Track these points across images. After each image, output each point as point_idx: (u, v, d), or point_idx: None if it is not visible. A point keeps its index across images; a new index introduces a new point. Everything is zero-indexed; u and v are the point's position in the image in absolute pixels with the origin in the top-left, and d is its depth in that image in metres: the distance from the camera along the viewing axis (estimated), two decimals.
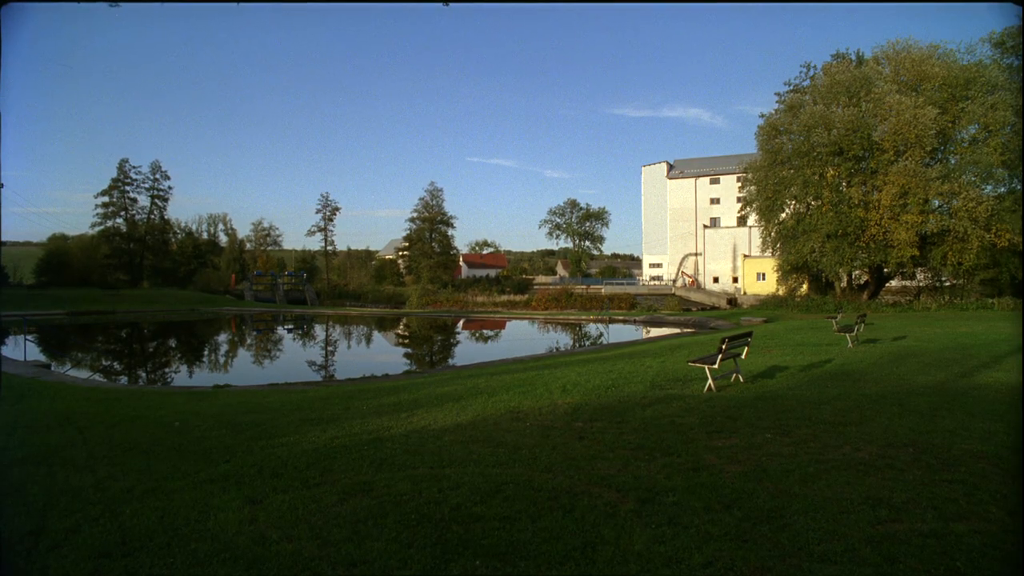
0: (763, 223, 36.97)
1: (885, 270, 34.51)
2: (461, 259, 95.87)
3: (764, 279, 50.78)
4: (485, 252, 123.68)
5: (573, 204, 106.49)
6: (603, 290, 59.40)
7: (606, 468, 5.58)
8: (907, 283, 38.36)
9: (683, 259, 75.21)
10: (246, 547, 3.98)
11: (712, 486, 5.02)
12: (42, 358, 19.49)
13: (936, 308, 30.34)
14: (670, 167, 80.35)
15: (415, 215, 76.41)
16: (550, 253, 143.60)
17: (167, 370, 20.48)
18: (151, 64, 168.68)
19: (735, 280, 61.75)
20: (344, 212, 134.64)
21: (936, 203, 30.38)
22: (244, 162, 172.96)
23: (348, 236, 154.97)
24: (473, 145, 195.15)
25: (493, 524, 4.31)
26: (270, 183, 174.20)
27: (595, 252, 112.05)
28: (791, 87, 41.70)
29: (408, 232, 77.68)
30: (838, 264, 32.15)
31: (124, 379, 17.62)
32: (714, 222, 73.35)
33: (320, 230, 78.74)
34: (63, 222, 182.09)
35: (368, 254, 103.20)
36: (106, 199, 65.24)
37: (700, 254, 70.53)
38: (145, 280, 67.78)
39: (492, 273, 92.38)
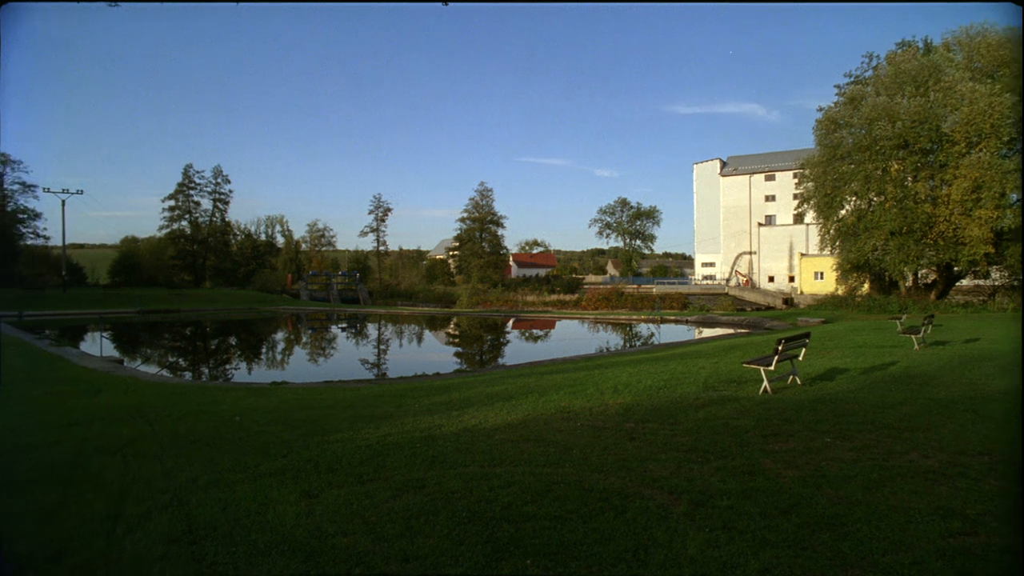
0: (821, 220, 35.68)
1: (955, 268, 32.76)
2: (511, 258, 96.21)
3: (822, 278, 49.08)
4: (535, 251, 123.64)
5: (624, 203, 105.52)
6: (654, 290, 58.59)
7: (658, 470, 5.50)
8: (980, 282, 36.39)
9: (737, 258, 73.40)
10: (303, 539, 4.10)
11: (768, 491, 4.88)
12: (116, 354, 20.60)
13: (1013, 308, 28.64)
14: (723, 164, 78.49)
15: (465, 215, 77.16)
16: (600, 252, 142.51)
17: (227, 367, 21.27)
18: (212, 71, 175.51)
19: (791, 279, 59.88)
20: (396, 212, 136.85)
21: (1014, 197, 28.65)
22: (300, 164, 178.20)
23: (400, 236, 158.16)
24: (523, 145, 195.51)
25: (544, 524, 4.31)
26: (325, 185, 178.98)
27: (646, 251, 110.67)
28: (852, 78, 40.04)
29: (458, 232, 78.45)
30: (903, 263, 30.73)
31: (188, 375, 18.38)
32: (769, 220, 71.28)
33: (372, 231, 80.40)
34: (135, 225, 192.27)
35: (419, 254, 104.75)
36: (172, 203, 68.40)
37: (754, 253, 68.63)
38: (207, 280, 70.60)
39: (542, 272, 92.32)
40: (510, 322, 39.46)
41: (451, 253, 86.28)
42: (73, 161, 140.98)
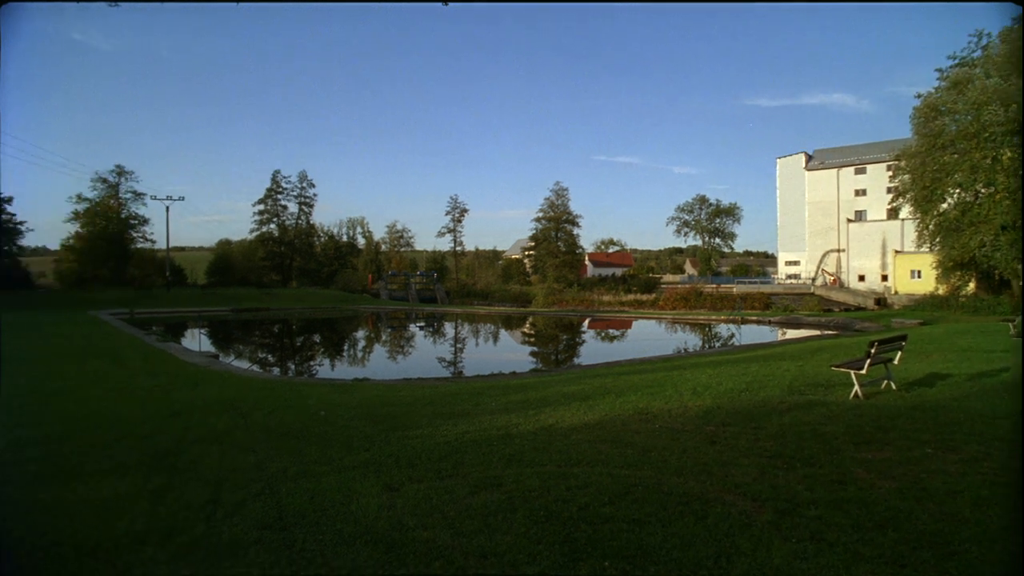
0: (919, 215, 33.32)
1: None
2: (587, 258, 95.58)
3: (919, 277, 45.82)
4: (611, 251, 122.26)
5: (702, 200, 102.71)
6: (735, 289, 56.63)
7: (740, 475, 5.32)
8: None
9: (823, 256, 69.71)
10: (385, 531, 4.23)
11: (861, 502, 4.62)
12: (212, 349, 22.00)
13: None
14: (809, 158, 74.70)
15: (541, 215, 77.23)
16: (678, 251, 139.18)
17: (312, 363, 22.23)
18: (298, 78, 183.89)
19: (884, 278, 56.24)
20: (472, 213, 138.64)
21: None
22: (380, 167, 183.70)
23: (476, 237, 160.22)
24: (599, 143, 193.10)
25: (622, 526, 4.26)
26: (403, 186, 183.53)
27: (726, 250, 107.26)
28: (956, 60, 37.06)
29: (534, 232, 78.63)
30: (1015, 260, 28.25)
31: (276, 370, 19.34)
32: (859, 215, 67.17)
33: (449, 231, 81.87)
34: (228, 229, 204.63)
35: (495, 254, 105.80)
36: (262, 207, 72.23)
37: (843, 250, 64.91)
38: (294, 280, 74.00)
39: (618, 272, 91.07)
40: (586, 322, 39.19)
41: (527, 253, 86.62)
42: (174, 169, 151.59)
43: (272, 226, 72.90)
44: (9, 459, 6.17)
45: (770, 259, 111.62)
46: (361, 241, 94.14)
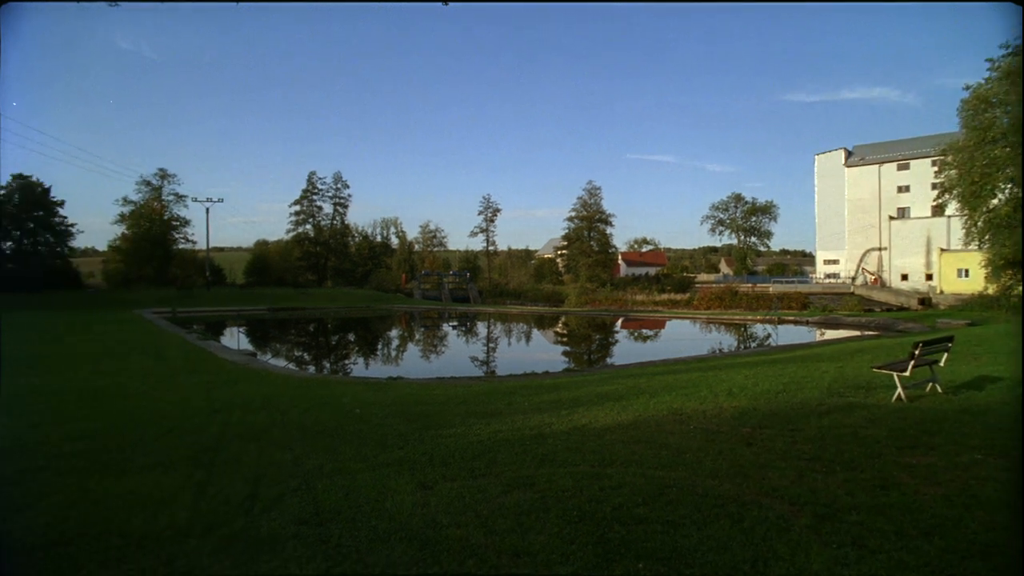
0: (967, 212, 32.13)
1: None
2: (620, 257, 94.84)
3: (967, 276, 44.23)
4: (644, 250, 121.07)
5: (738, 198, 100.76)
6: (771, 288, 55.46)
7: (777, 478, 5.21)
8: None
9: (864, 254, 67.80)
10: (419, 529, 4.26)
11: (905, 508, 4.49)
12: (250, 348, 22.51)
13: None
14: (848, 154, 72.67)
15: (573, 214, 76.91)
16: (712, 250, 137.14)
17: (347, 361, 22.55)
18: (333, 79, 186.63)
19: (929, 277, 54.43)
20: (504, 213, 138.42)
21: None
22: (413, 167, 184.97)
23: (508, 236, 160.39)
24: (632, 142, 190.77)
25: (656, 527, 4.21)
26: (436, 186, 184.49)
27: (762, 248, 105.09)
28: (1009, 49, 35.56)
29: (566, 231, 78.36)
30: None
31: (312, 368, 19.67)
32: (902, 213, 65.07)
33: (482, 231, 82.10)
34: (265, 229, 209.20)
35: (527, 253, 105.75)
36: (297, 208, 73.61)
37: (884, 249, 63.01)
38: (329, 280, 75.20)
39: (651, 271, 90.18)
40: (619, 321, 38.90)
41: (559, 252, 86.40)
42: (213, 171, 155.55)
43: (308, 227, 74.23)
44: (64, 451, 6.41)
45: (808, 258, 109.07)
46: (395, 241, 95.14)
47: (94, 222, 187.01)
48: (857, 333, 26.79)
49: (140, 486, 5.26)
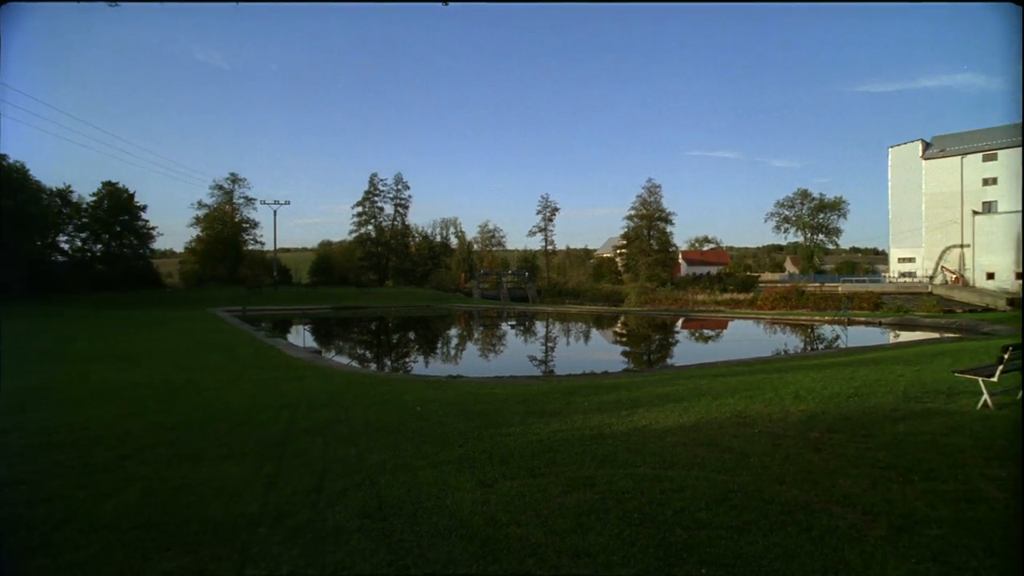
0: None
1: None
2: (680, 256, 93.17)
3: None
4: (705, 248, 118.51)
5: (804, 194, 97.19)
6: (840, 288, 53.18)
7: (849, 486, 4.99)
8: None
9: (943, 252, 63.90)
10: (479, 527, 4.30)
11: (994, 524, 4.21)
12: (314, 345, 23.26)
13: None
14: (926, 145, 68.68)
15: (632, 212, 76.09)
16: (777, 248, 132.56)
17: (407, 359, 22.97)
18: (394, 80, 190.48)
19: (1018, 276, 50.95)
20: (563, 212, 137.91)
21: None
22: (472, 167, 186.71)
23: (567, 235, 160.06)
24: (693, 139, 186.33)
25: (720, 532, 4.11)
26: (494, 186, 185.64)
27: (830, 246, 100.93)
28: None
29: (625, 230, 77.57)
30: None
31: (373, 366, 20.14)
32: (988, 207, 60.89)
33: (540, 230, 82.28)
34: (329, 230, 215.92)
35: (586, 252, 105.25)
36: (360, 209, 75.67)
37: (967, 246, 59.28)
38: (390, 279, 76.93)
39: (713, 270, 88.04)
40: (679, 322, 38.16)
41: (618, 251, 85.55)
42: (280, 175, 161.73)
43: (369, 227, 76.20)
44: (147, 441, 6.79)
45: (880, 256, 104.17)
46: (454, 241, 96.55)
47: (172, 225, 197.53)
48: (936, 335, 25.33)
49: (215, 476, 5.52)
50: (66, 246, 54.83)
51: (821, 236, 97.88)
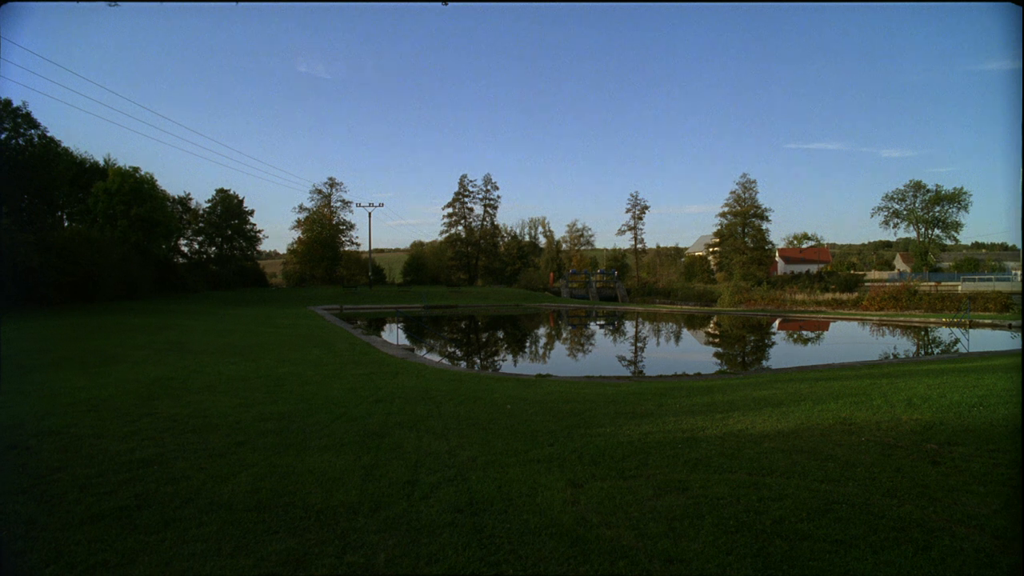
0: None
1: None
2: (777, 254, 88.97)
3: None
4: (804, 246, 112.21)
5: (918, 186, 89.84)
6: (960, 287, 48.91)
7: (974, 505, 4.59)
8: None
9: None
10: (569, 526, 4.29)
11: None
12: (407, 343, 24.06)
13: None
14: None
15: (726, 209, 73.56)
16: (885, 245, 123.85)
17: (497, 358, 23.27)
18: (481, 83, 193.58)
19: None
20: (652, 209, 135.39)
21: None
22: (559, 166, 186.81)
23: (657, 234, 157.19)
24: (791, 130, 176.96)
25: (823, 546, 3.90)
26: (582, 185, 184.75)
27: (948, 242, 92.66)
28: None
29: (718, 227, 75.09)
30: None
31: (463, 364, 20.55)
32: None
33: (630, 229, 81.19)
34: (421, 231, 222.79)
35: (677, 251, 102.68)
36: (450, 210, 77.62)
37: None
38: (479, 278, 78.38)
39: (813, 269, 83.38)
40: (776, 322, 36.43)
41: (711, 250, 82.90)
42: (375, 177, 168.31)
43: (459, 228, 77.98)
44: (257, 430, 7.29)
45: (1009, 251, 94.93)
46: (542, 240, 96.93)
47: (276, 228, 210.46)
48: None
49: (317, 465, 5.83)
50: (185, 248, 59.89)
51: (937, 231, 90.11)
